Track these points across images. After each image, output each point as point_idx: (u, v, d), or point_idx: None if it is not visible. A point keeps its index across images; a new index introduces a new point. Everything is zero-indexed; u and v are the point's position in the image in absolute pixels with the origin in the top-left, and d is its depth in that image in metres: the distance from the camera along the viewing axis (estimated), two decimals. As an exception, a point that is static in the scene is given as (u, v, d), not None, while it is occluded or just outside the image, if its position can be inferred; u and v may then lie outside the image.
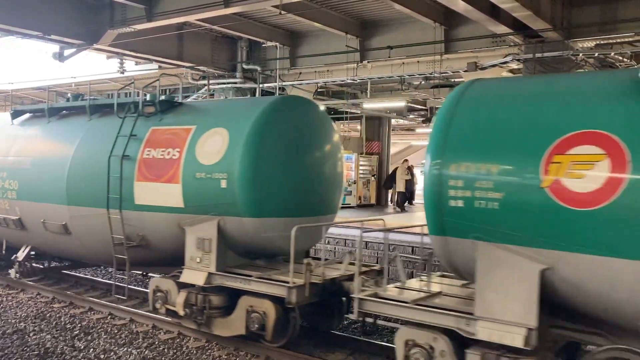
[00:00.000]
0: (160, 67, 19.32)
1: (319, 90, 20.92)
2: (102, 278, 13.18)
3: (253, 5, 13.20)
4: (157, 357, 8.19)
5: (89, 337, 9.05)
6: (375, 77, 17.35)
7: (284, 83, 19.07)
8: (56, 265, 13.23)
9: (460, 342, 6.18)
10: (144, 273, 12.39)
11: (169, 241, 9.13)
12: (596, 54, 13.37)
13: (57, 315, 10.27)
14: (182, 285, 8.77)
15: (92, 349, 8.49)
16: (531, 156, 5.66)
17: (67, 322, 9.89)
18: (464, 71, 15.03)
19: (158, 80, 10.34)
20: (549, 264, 5.61)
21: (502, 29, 12.94)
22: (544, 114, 5.84)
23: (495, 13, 12.34)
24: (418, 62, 16.03)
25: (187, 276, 8.66)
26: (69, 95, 11.88)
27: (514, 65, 14.54)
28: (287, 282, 7.65)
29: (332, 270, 8.28)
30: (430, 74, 16.01)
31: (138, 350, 8.46)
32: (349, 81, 18.09)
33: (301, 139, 8.94)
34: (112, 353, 8.33)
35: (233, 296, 8.40)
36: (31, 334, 9.20)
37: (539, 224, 5.60)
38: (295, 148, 8.77)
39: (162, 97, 9.89)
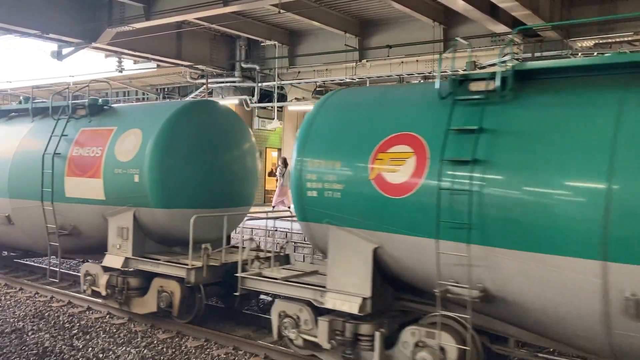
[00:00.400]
0: (158, 66, 19.30)
1: (317, 89, 20.92)
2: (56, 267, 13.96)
3: (252, 4, 13.20)
4: (156, 356, 8.18)
5: (88, 336, 9.03)
6: (374, 76, 17.35)
7: (282, 82, 19.06)
8: (9, 255, 13.83)
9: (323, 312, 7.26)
10: (84, 260, 13.16)
11: (96, 230, 10.10)
12: (595, 53, 13.38)
13: (56, 315, 10.26)
14: (107, 269, 9.75)
15: (90, 348, 8.48)
16: (363, 154, 6.84)
17: (65, 321, 9.87)
18: (463, 70, 15.02)
19: (87, 85, 11.54)
20: (379, 244, 6.73)
21: (501, 28, 12.96)
22: (374, 119, 7.06)
23: (495, 12, 12.35)
24: (417, 61, 16.05)
25: (108, 260, 9.69)
26: (21, 98, 12.63)
27: (513, 65, 14.55)
28: (187, 265, 8.74)
29: (235, 255, 9.16)
30: (429, 73, 16.02)
31: (137, 349, 8.46)
32: (347, 80, 18.08)
33: (211, 139, 9.86)
34: (111, 352, 8.32)
35: (149, 278, 9.42)
36: (30, 333, 9.18)
37: (369, 210, 6.74)
38: (204, 147, 9.71)
39: (100, 101, 10.95)
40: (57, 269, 10.80)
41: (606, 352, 5.80)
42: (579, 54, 13.34)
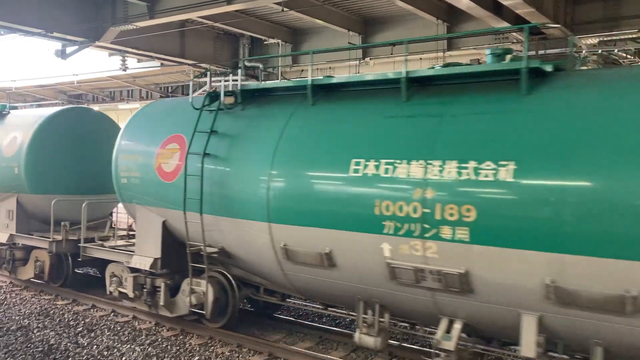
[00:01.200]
0: (162, 65, 19.31)
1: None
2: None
3: (255, 2, 13.19)
4: (160, 354, 8.22)
5: (92, 334, 9.08)
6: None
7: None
8: None
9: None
10: None
11: None
12: (599, 51, 13.32)
13: (61, 312, 10.31)
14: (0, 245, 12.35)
15: (95, 346, 8.52)
16: (151, 150, 9.07)
17: (70, 319, 9.92)
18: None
19: None
20: (165, 217, 9.02)
21: (504, 25, 12.90)
22: (162, 124, 9.28)
23: (498, 10, 12.31)
24: (421, 59, 16.00)
25: None
26: None
27: (517, 62, 14.48)
28: (49, 238, 11.31)
29: (93, 232, 11.44)
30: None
31: (141, 347, 8.49)
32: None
33: (81, 138, 12.50)
34: (116, 350, 8.36)
35: (30, 251, 11.97)
36: (35, 331, 9.23)
37: (156, 192, 8.98)
38: (74, 145, 12.36)
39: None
40: None
41: (290, 288, 8.15)
42: (583, 51, 13.28)
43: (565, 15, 12.99)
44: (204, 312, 8.66)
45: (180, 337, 8.99)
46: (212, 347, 8.53)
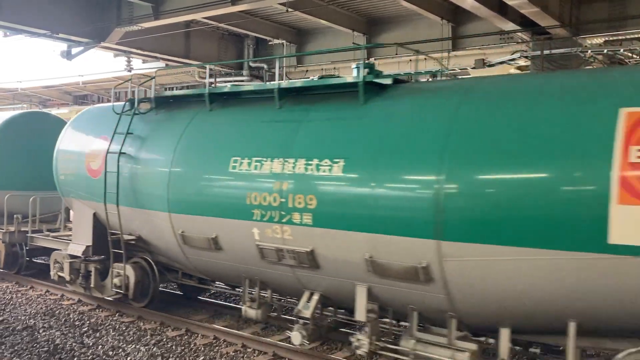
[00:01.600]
0: (167, 65, 19.35)
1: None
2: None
3: (260, 3, 13.20)
4: (165, 354, 8.22)
5: (98, 334, 9.10)
6: (381, 74, 17.23)
7: (290, 81, 19.02)
8: None
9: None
10: None
11: None
12: (605, 51, 13.27)
13: (66, 312, 10.34)
14: None
15: (100, 346, 8.54)
16: (83, 150, 10.29)
17: (75, 319, 9.95)
18: (472, 68, 14.96)
19: None
20: (95, 209, 10.10)
21: (510, 25, 12.87)
22: (94, 128, 10.47)
23: (503, 10, 12.27)
24: (425, 59, 15.96)
25: None
26: None
27: (522, 62, 14.46)
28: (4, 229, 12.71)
29: (47, 224, 12.94)
30: (438, 71, 15.91)
31: (146, 347, 8.50)
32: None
33: (35, 140, 13.68)
34: (121, 350, 8.38)
35: None
36: (41, 331, 9.26)
37: (87, 188, 10.14)
38: (29, 145, 13.65)
39: None
40: None
41: (190, 268, 9.37)
42: (589, 51, 13.24)
43: (570, 15, 12.94)
44: (126, 292, 9.82)
45: (185, 337, 9.00)
46: (216, 347, 8.53)
